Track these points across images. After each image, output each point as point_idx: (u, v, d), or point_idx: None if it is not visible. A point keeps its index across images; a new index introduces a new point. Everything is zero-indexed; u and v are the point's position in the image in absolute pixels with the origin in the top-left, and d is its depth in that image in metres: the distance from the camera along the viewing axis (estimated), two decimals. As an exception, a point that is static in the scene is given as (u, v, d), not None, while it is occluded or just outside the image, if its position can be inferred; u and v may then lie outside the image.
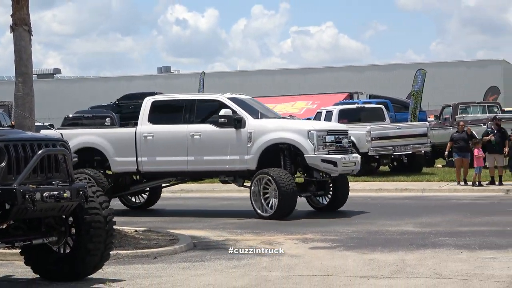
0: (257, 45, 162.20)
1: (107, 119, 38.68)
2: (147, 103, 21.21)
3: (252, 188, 19.52)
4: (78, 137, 21.59)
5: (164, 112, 21.10)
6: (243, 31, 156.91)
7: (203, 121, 20.33)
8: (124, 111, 49.99)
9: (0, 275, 12.40)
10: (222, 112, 19.68)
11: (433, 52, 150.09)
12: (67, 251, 11.75)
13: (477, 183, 27.40)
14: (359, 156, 21.24)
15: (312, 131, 19.49)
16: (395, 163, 33.60)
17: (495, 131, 28.29)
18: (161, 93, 55.26)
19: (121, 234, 15.22)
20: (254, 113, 20.23)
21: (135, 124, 21.38)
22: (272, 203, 19.26)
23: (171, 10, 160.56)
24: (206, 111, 20.42)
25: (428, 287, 11.05)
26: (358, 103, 37.20)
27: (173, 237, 16.02)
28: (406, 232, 16.97)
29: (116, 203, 21.86)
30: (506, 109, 46.69)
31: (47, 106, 63.50)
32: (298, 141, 19.51)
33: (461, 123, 29.38)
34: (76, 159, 13.18)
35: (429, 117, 43.52)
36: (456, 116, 38.27)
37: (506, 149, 27.78)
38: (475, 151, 27.63)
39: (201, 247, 15.33)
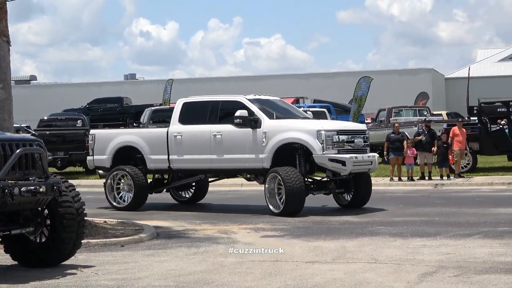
0: (213, 55, 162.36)
1: (78, 121, 38.42)
2: (178, 104, 20.44)
3: (267, 185, 18.48)
4: (120, 136, 21.15)
5: (192, 113, 20.21)
6: (201, 42, 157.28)
7: (225, 121, 19.35)
8: (94, 113, 49.85)
9: (-19, 262, 12.29)
10: (238, 113, 18.79)
11: (370, 61, 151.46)
12: (43, 240, 11.69)
13: (410, 178, 27.73)
14: (376, 155, 19.95)
15: (321, 131, 18.24)
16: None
17: (426, 132, 28.59)
18: (127, 98, 55.47)
19: (92, 225, 15.14)
20: (271, 114, 19.09)
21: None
22: (283, 200, 18.14)
23: (136, 23, 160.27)
24: (228, 112, 19.36)
25: (366, 271, 11.10)
26: (303, 107, 37.22)
27: (138, 227, 15.95)
28: (347, 222, 17.03)
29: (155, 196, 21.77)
30: (434, 112, 47.12)
31: (24, 109, 62.94)
32: (307, 140, 18.29)
33: (396, 125, 29.56)
34: (50, 157, 13.10)
35: (366, 120, 43.81)
36: (391, 119, 38.58)
37: (434, 149, 28.09)
38: (407, 150, 27.88)
39: (163, 236, 15.29)
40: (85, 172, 34.52)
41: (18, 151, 10.94)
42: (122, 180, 20.45)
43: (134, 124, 43.06)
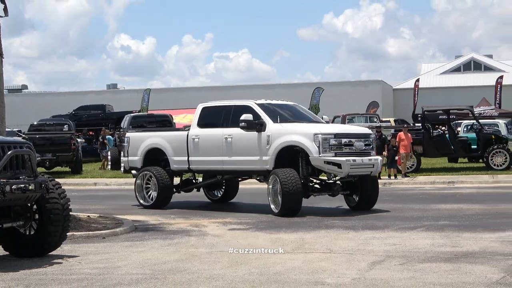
0: (187, 67, 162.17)
1: (65, 126, 38.26)
2: (198, 109, 19.61)
3: (270, 186, 17.29)
4: (149, 139, 20.25)
5: (209, 117, 19.26)
6: (176, 55, 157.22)
7: (235, 125, 18.11)
8: (79, 119, 49.73)
9: (-24, 252, 12.18)
10: (243, 116, 17.74)
11: (326, 73, 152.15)
12: (32, 233, 11.63)
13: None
14: (379, 158, 18.20)
15: (317, 134, 16.99)
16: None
17: (377, 137, 28.69)
18: (109, 105, 55.23)
19: (76, 219, 15.04)
20: (275, 118, 17.89)
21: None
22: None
23: (118, 38, 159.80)
24: (239, 116, 18.05)
25: (322, 260, 11.12)
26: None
27: (118, 221, 15.86)
28: (305, 216, 17.01)
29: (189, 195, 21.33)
30: (383, 119, 47.42)
31: (16, 115, 62.49)
32: (304, 143, 17.06)
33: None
34: (39, 158, 13.03)
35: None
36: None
37: (385, 153, 28.22)
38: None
39: (141, 229, 15.21)
40: (70, 172, 34.35)
41: (9, 152, 10.89)
42: (150, 180, 19.64)
43: (116, 129, 42.95)
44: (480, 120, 33.31)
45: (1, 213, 11.26)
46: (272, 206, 17.32)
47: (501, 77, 60.83)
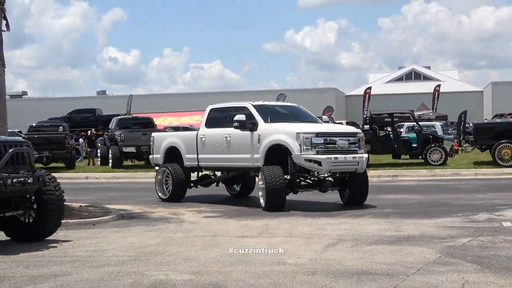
0: (167, 76, 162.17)
1: (60, 127, 37.94)
2: (207, 110, 18.70)
3: (260, 182, 16.21)
4: (168, 138, 19.55)
5: (215, 118, 18.35)
6: (157, 66, 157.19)
7: (233, 125, 17.08)
8: (73, 121, 49.38)
9: (-19, 238, 12.05)
10: (236, 117, 16.74)
11: (288, 82, 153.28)
12: (31, 220, 11.54)
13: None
14: (365, 156, 16.64)
15: (299, 133, 15.70)
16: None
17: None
18: (99, 109, 54.87)
19: (70, 208, 14.92)
20: (266, 118, 16.80)
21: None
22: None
23: (106, 50, 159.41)
24: None
25: (284, 242, 11.13)
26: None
27: (107, 210, 15.76)
28: (289, 211, 16.45)
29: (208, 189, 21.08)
30: (336, 121, 47.47)
31: (17, 118, 61.88)
32: (288, 142, 15.80)
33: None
34: (37, 155, 12.94)
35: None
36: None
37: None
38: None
39: (127, 217, 15.13)
40: (65, 167, 34.07)
41: (10, 150, 10.82)
42: (169, 176, 18.90)
43: (104, 130, 42.67)
44: (419, 122, 33.57)
45: (3, 203, 11.17)
46: (261, 200, 16.36)
47: (438, 85, 61.31)
